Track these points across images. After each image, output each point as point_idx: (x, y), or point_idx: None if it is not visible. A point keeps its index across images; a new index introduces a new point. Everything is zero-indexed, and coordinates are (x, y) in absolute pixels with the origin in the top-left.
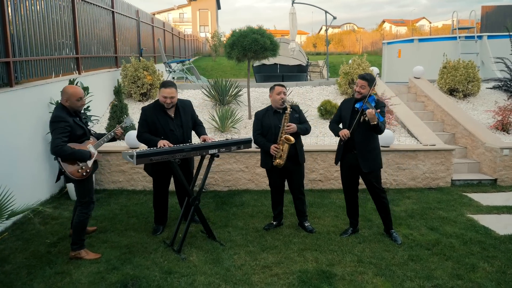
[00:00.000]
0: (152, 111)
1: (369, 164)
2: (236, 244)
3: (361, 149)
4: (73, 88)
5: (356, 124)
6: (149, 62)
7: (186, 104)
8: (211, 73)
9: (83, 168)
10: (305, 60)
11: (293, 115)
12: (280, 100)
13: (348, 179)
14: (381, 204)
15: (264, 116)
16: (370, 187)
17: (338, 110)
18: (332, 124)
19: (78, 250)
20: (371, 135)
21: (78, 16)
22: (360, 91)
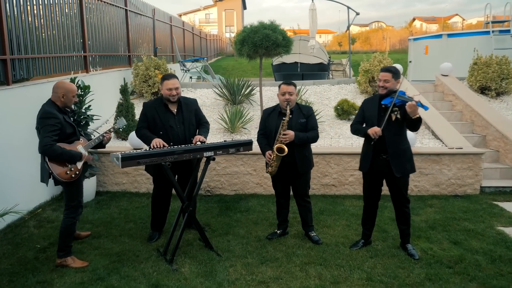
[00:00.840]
0: (153, 105)
1: (403, 167)
2: (234, 255)
3: (394, 151)
4: (69, 83)
5: (386, 123)
6: (160, 60)
7: (190, 101)
8: (231, 73)
9: (72, 170)
10: (326, 58)
11: (298, 119)
12: (284, 101)
13: (372, 187)
14: (402, 215)
15: (270, 116)
16: (396, 194)
17: (360, 110)
18: (355, 125)
19: (64, 258)
20: (403, 134)
21: (85, 14)
22: (384, 86)
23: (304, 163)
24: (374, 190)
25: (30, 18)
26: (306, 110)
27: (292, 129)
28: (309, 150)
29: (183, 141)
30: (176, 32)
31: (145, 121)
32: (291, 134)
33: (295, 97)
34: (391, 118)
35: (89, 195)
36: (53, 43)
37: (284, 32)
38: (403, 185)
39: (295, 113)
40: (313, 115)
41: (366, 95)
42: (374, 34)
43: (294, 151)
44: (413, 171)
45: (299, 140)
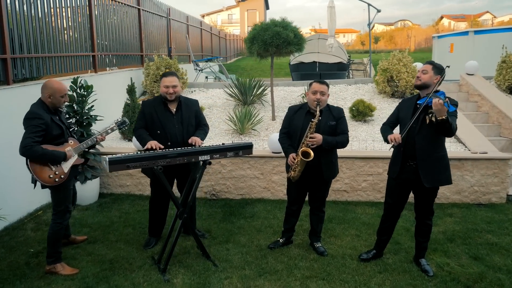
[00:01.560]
0: (152, 104)
1: (434, 177)
2: (232, 266)
3: (424, 158)
4: (57, 83)
5: (416, 124)
6: (172, 60)
7: (190, 101)
8: (250, 73)
9: (56, 174)
10: (346, 57)
11: (328, 122)
12: (315, 101)
13: (397, 195)
14: (424, 227)
15: (296, 114)
16: (422, 205)
17: (395, 110)
18: (384, 126)
19: (53, 264)
20: (438, 140)
21: (94, 13)
22: (420, 76)
23: (330, 169)
24: (399, 199)
25: (35, 17)
26: (336, 112)
27: (320, 131)
28: (335, 155)
29: (181, 141)
30: (194, 32)
31: (142, 120)
32: (319, 138)
33: (327, 98)
34: (425, 121)
35: (92, 197)
36: (59, 43)
37: (296, 29)
38: (431, 197)
39: (325, 114)
40: (344, 118)
41: (384, 96)
42: (398, 33)
43: (320, 156)
44: (448, 183)
45: (327, 144)
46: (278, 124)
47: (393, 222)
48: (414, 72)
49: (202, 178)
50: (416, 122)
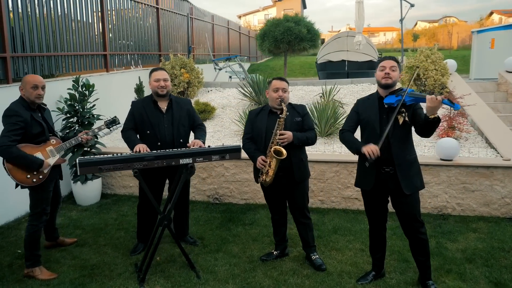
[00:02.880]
0: (142, 103)
1: (412, 182)
2: (216, 278)
3: (401, 162)
4: (30, 76)
5: (392, 128)
6: (188, 59)
7: (182, 101)
8: (279, 72)
9: (34, 174)
10: (376, 55)
11: (293, 118)
12: (277, 98)
13: (376, 207)
14: (418, 243)
15: (258, 116)
16: (406, 217)
17: (351, 113)
18: (346, 133)
19: (31, 268)
20: (410, 142)
21: (106, 12)
22: (390, 74)
23: (301, 169)
24: (380, 211)
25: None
26: (300, 109)
27: (287, 129)
28: (305, 154)
29: (171, 142)
30: (220, 31)
31: (131, 121)
32: (289, 134)
33: (289, 95)
34: (398, 121)
35: (93, 197)
36: (70, 42)
37: (310, 24)
38: (413, 205)
39: (290, 111)
40: (309, 114)
41: None
42: (441, 30)
43: (291, 155)
44: (423, 187)
45: (299, 141)
46: None
47: (382, 236)
48: (444, 69)
49: (205, 181)
50: (388, 124)
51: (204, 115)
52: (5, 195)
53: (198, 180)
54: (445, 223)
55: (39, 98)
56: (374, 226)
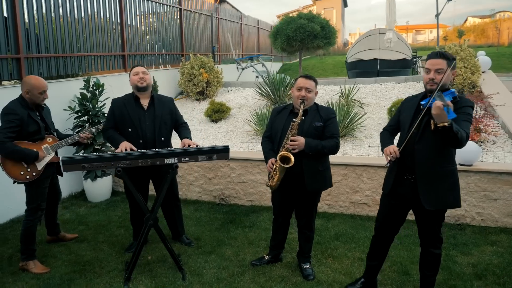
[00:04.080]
0: (122, 101)
1: (438, 198)
2: (201, 281)
3: (425, 172)
4: (36, 79)
5: (417, 130)
6: (207, 58)
7: (165, 99)
8: (310, 72)
9: (28, 171)
10: (410, 53)
11: (313, 123)
12: (299, 98)
13: (390, 214)
14: (430, 257)
15: (279, 115)
16: (425, 231)
17: (396, 111)
18: (383, 133)
19: (26, 261)
20: (445, 151)
21: (125, 13)
22: (435, 79)
23: (315, 180)
24: (392, 219)
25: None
26: (325, 112)
27: (303, 134)
28: (324, 164)
29: (152, 140)
30: (249, 31)
31: (112, 120)
32: (300, 141)
33: (314, 96)
34: (430, 127)
35: (103, 195)
36: (88, 43)
37: (325, 21)
38: (434, 222)
39: (310, 114)
40: (334, 119)
41: None
42: (491, 26)
43: (303, 163)
44: (456, 206)
45: (311, 149)
46: None
47: (385, 246)
48: (475, 67)
49: (211, 181)
50: (418, 128)
51: (218, 114)
52: (15, 189)
53: (205, 180)
54: (460, 233)
55: (44, 100)
56: (379, 233)
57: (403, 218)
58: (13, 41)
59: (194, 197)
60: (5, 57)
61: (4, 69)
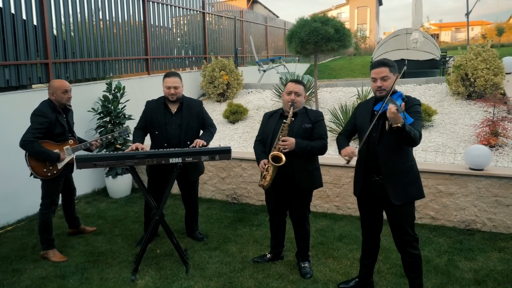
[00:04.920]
0: (154, 104)
1: (403, 192)
2: (202, 275)
3: (389, 171)
4: (59, 81)
5: (375, 133)
6: (228, 61)
7: (193, 103)
8: (338, 73)
9: (50, 169)
10: (438, 53)
11: (303, 124)
12: (289, 102)
13: (366, 216)
14: (409, 259)
15: (270, 119)
16: (397, 230)
17: (351, 117)
18: (340, 137)
19: (46, 250)
20: (403, 149)
21: (148, 19)
22: (381, 86)
23: (305, 179)
24: (370, 220)
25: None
26: (313, 115)
27: (293, 135)
28: (314, 164)
29: (177, 143)
30: (275, 32)
31: (142, 121)
32: (291, 141)
33: (303, 100)
34: (385, 128)
35: (123, 191)
36: (113, 48)
37: (339, 24)
38: (404, 217)
39: (300, 116)
40: (322, 122)
41: (457, 97)
42: None
43: (293, 162)
44: (420, 196)
45: (300, 149)
46: None
47: (373, 245)
48: (498, 68)
49: (224, 181)
50: (376, 131)
51: (236, 116)
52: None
53: (218, 180)
54: (468, 239)
55: (69, 100)
56: (365, 233)
57: (379, 217)
58: (42, 48)
59: (208, 196)
60: (35, 63)
61: (34, 73)
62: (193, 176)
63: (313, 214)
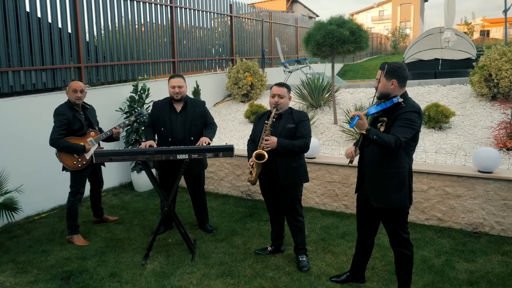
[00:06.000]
0: (161, 104)
1: (383, 197)
2: (205, 263)
3: (371, 174)
4: (74, 82)
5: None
6: (251, 62)
7: (197, 103)
8: (372, 73)
9: (79, 160)
10: (474, 51)
11: (286, 124)
12: (273, 104)
13: (361, 217)
14: (399, 257)
15: (260, 120)
16: (387, 229)
17: None
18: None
19: (71, 235)
20: (389, 154)
21: (176, 23)
22: (376, 86)
23: (288, 175)
24: (364, 217)
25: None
26: (297, 115)
27: (277, 134)
28: (298, 161)
29: (181, 139)
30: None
31: (150, 119)
32: (272, 140)
33: (287, 101)
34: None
35: (147, 185)
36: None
37: (355, 26)
38: (391, 219)
39: (285, 117)
40: (305, 122)
41: (481, 99)
42: None
43: (277, 160)
44: (403, 205)
45: (282, 147)
46: (338, 128)
47: (367, 244)
48: None
49: (239, 178)
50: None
51: None
52: None
53: (234, 177)
54: (473, 241)
55: (78, 99)
56: (359, 233)
57: (374, 218)
58: (76, 53)
59: (224, 192)
60: (69, 67)
61: (68, 76)
62: (195, 170)
63: (321, 212)
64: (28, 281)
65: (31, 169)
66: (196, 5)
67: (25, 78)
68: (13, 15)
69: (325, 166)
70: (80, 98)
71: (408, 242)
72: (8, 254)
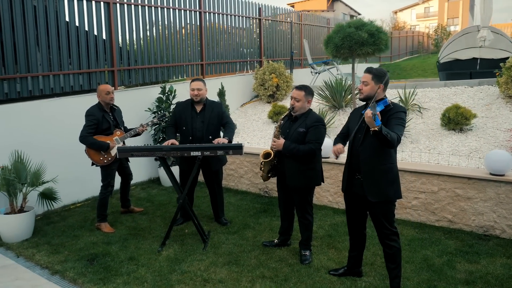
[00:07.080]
0: (183, 104)
1: (379, 191)
2: (215, 252)
3: (368, 170)
4: (102, 85)
5: (360, 134)
6: (277, 64)
7: (215, 104)
8: (408, 73)
9: (105, 156)
10: None
11: (298, 128)
12: (290, 106)
13: (351, 211)
14: (387, 250)
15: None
16: (377, 224)
17: (347, 121)
18: (336, 138)
19: (99, 223)
20: (384, 151)
21: (204, 27)
22: (361, 89)
23: (295, 177)
24: (353, 215)
25: None
26: (311, 121)
27: (288, 137)
28: (308, 164)
29: (201, 137)
30: None
31: (173, 119)
32: (279, 143)
33: (303, 104)
34: (369, 131)
35: None
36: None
37: (374, 28)
38: (382, 213)
39: (300, 121)
40: (316, 128)
41: (508, 100)
42: None
43: (284, 162)
44: (397, 197)
45: (286, 150)
46: None
47: (358, 239)
48: None
49: (257, 175)
50: (361, 132)
51: (279, 116)
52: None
53: (252, 174)
54: (480, 243)
55: (112, 100)
56: (349, 229)
57: (363, 213)
58: (109, 57)
59: (243, 188)
60: (103, 70)
61: (102, 79)
62: (214, 166)
63: (333, 210)
64: (59, 260)
65: (68, 163)
66: (224, 10)
67: (64, 81)
68: (54, 25)
69: (338, 165)
70: (113, 98)
71: (396, 235)
72: (45, 237)
